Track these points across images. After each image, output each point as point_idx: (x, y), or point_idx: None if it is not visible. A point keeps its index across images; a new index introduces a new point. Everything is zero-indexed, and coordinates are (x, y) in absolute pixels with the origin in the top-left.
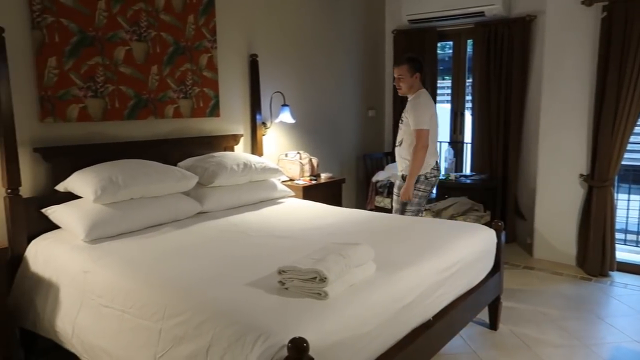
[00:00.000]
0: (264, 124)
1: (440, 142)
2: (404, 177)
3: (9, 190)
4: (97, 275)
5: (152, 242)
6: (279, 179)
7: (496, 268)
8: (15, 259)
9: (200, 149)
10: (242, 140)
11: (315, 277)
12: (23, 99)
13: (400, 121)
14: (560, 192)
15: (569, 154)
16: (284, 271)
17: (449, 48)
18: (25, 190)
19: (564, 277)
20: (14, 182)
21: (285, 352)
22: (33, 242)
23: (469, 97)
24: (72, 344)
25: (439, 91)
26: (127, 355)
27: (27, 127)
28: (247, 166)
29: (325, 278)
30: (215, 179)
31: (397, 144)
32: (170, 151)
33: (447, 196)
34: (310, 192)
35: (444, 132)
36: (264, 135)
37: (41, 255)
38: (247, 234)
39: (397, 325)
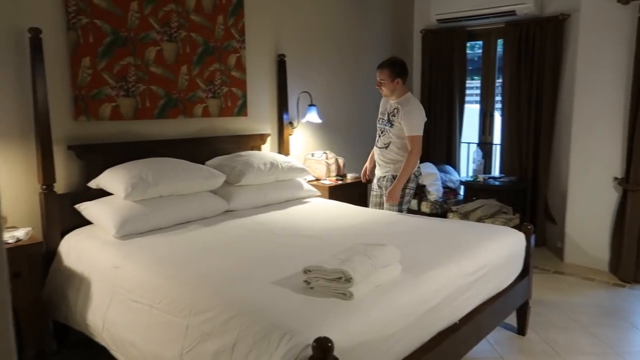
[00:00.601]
0: (290, 123)
1: (469, 143)
2: (395, 178)
3: (44, 187)
4: (127, 271)
5: (180, 239)
6: (305, 179)
7: (525, 272)
8: (49, 253)
9: (227, 148)
10: (269, 139)
11: (340, 277)
12: (58, 98)
13: (381, 121)
14: (592, 196)
15: (603, 157)
16: (309, 270)
17: (479, 48)
18: (59, 187)
19: (596, 282)
20: (48, 178)
21: (309, 352)
22: (66, 237)
23: (498, 98)
24: (102, 337)
25: (467, 91)
26: (155, 350)
27: (62, 125)
28: (273, 165)
29: (351, 278)
30: (242, 178)
31: (380, 145)
32: (198, 150)
33: (475, 198)
34: (336, 192)
35: (472, 133)
36: (290, 134)
37: (74, 250)
38: (273, 233)
39: (423, 327)
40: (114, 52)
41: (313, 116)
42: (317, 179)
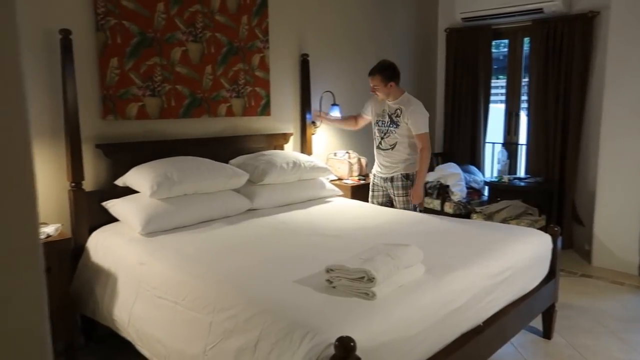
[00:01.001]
0: (313, 123)
1: (494, 143)
2: (407, 176)
3: (73, 184)
4: (152, 267)
5: (204, 237)
6: (328, 178)
7: (551, 275)
8: (77, 249)
9: (251, 147)
10: (291, 138)
11: (363, 277)
12: (87, 98)
13: (382, 123)
14: (621, 197)
15: (633, 158)
16: (331, 270)
17: (504, 46)
18: (88, 185)
19: (625, 287)
20: (77, 176)
21: (332, 351)
22: (94, 233)
23: (524, 97)
24: (128, 332)
25: (492, 91)
26: (179, 346)
27: (90, 124)
28: (296, 165)
29: (373, 278)
30: (265, 177)
31: (384, 147)
32: (222, 149)
33: (500, 199)
34: (359, 192)
35: (497, 133)
36: (313, 134)
37: (101, 246)
38: (295, 232)
39: (446, 329)
40: (140, 52)
41: (336, 115)
42: (340, 179)
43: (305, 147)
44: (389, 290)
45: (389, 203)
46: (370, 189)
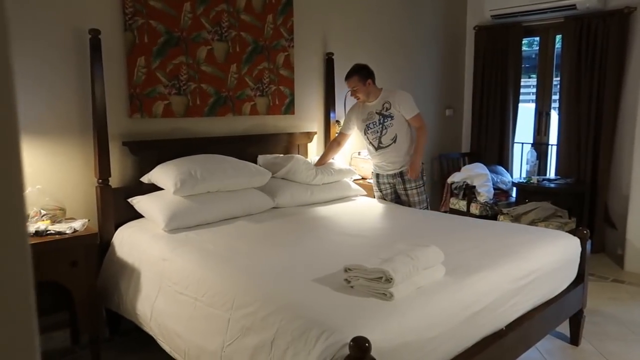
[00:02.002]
0: (337, 122)
1: (522, 143)
2: (402, 173)
3: (100, 181)
4: (173, 263)
5: (226, 235)
6: (352, 178)
7: (579, 279)
8: (104, 244)
9: (275, 146)
10: (315, 137)
11: (381, 277)
12: (115, 96)
13: (374, 124)
14: None
15: None
16: (349, 269)
17: (536, 45)
18: (114, 181)
19: None
20: (104, 173)
21: (347, 351)
22: (120, 229)
23: (555, 97)
24: (150, 326)
25: (522, 90)
26: (198, 341)
27: (118, 122)
28: (319, 172)
29: (391, 279)
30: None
31: (386, 143)
32: (246, 147)
33: (528, 200)
34: None
35: (526, 132)
36: (337, 133)
37: (126, 241)
38: (317, 231)
39: (466, 332)
40: (167, 51)
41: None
42: (363, 178)
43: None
44: (407, 292)
45: (397, 199)
46: (377, 190)
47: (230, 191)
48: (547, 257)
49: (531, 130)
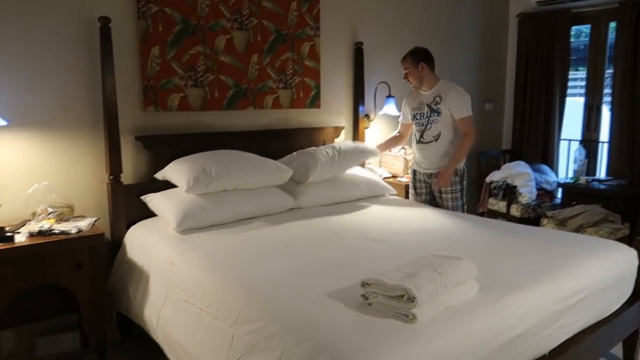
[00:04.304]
0: (367, 116)
1: (570, 140)
2: (455, 172)
3: (111, 177)
4: (181, 268)
5: (240, 238)
6: (381, 175)
7: (635, 297)
8: (115, 244)
9: (299, 141)
10: (343, 132)
11: (402, 296)
12: (128, 89)
13: (421, 115)
14: None
15: None
16: (368, 284)
17: (584, 36)
18: (127, 178)
19: None
20: (115, 169)
21: None
22: (131, 228)
23: (607, 90)
24: (157, 334)
25: (570, 83)
26: (202, 356)
27: (131, 116)
28: (335, 150)
29: (414, 298)
30: (309, 174)
31: (427, 139)
32: (268, 143)
33: (575, 203)
34: None
35: (574, 129)
36: (366, 128)
37: (137, 242)
38: (339, 235)
39: None
40: (183, 41)
41: (391, 108)
42: (394, 176)
43: (357, 141)
44: (433, 313)
45: (433, 201)
46: (412, 187)
47: (248, 189)
48: (599, 273)
49: (579, 126)
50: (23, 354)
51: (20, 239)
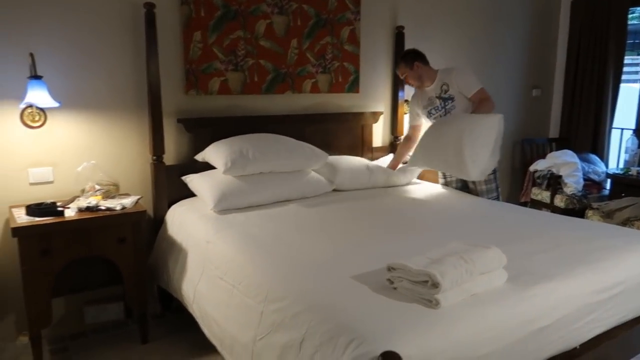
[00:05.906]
0: (406, 101)
1: (622, 129)
2: None
3: (154, 157)
4: (216, 247)
5: (274, 219)
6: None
7: None
8: (158, 221)
9: (337, 126)
10: (381, 118)
11: (426, 281)
12: (171, 72)
13: (436, 109)
14: None
15: None
16: (393, 268)
17: None
18: (169, 158)
19: None
20: (158, 150)
21: None
22: (172, 207)
23: None
24: (193, 308)
25: (625, 69)
26: (232, 331)
27: (173, 98)
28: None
29: (438, 284)
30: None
31: None
32: (306, 127)
33: (624, 195)
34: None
35: (628, 117)
36: (405, 113)
37: (177, 220)
38: (371, 219)
39: (527, 351)
40: (224, 25)
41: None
42: None
43: (395, 127)
44: (457, 299)
45: (465, 188)
46: (442, 176)
47: (285, 172)
48: (639, 267)
49: (634, 114)
50: (73, 321)
51: (70, 213)
